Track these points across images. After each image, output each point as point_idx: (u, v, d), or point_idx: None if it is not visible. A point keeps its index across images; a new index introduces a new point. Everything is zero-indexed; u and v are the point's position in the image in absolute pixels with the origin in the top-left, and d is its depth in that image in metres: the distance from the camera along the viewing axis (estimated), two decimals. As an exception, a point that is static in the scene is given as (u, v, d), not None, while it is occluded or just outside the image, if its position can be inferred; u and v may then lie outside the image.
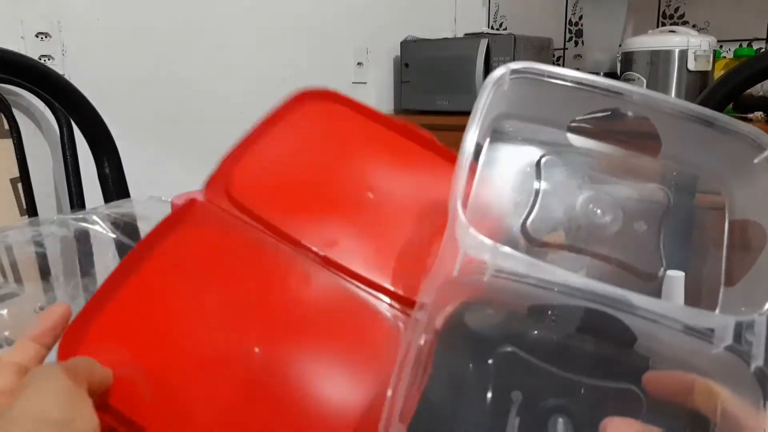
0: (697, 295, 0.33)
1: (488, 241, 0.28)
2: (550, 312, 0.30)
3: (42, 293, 0.49)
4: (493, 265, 0.28)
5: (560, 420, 0.30)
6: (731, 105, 1.49)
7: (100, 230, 0.51)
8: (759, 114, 1.50)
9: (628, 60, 1.69)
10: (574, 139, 0.36)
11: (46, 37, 1.30)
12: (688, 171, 0.34)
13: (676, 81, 1.62)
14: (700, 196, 0.33)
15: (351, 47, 1.95)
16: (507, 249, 0.28)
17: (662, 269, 0.35)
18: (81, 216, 0.51)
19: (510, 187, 0.32)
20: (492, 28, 2.31)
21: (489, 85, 0.33)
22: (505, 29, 2.27)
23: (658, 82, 1.63)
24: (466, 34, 2.01)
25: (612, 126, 0.35)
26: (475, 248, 0.28)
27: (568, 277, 0.28)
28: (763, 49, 1.79)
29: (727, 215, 0.32)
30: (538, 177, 0.32)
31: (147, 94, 1.48)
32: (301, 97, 0.43)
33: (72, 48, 1.34)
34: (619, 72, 1.74)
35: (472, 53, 1.84)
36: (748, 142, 0.30)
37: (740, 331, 0.26)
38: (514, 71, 0.33)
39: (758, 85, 1.38)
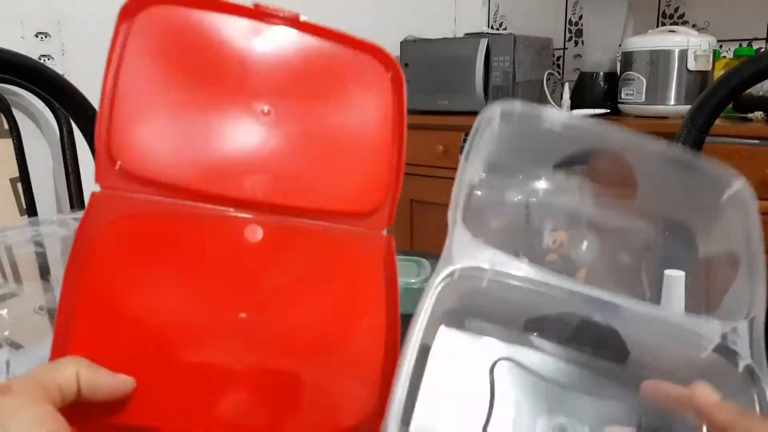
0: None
1: (486, 247, 0.28)
2: (546, 325, 0.30)
3: (42, 293, 0.49)
4: (490, 270, 0.28)
5: None
6: (731, 105, 1.49)
7: (100, 230, 0.51)
8: (759, 114, 1.50)
9: (628, 60, 1.69)
10: (559, 183, 0.36)
11: (45, 37, 1.30)
12: (664, 211, 0.35)
13: (676, 81, 1.62)
14: (674, 234, 0.35)
15: (351, 47, 1.95)
16: (503, 254, 0.29)
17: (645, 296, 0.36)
18: (80, 216, 0.51)
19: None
20: (492, 27, 2.31)
21: (482, 125, 0.34)
22: (505, 29, 2.28)
23: (658, 82, 1.63)
24: (466, 34, 2.01)
25: (591, 170, 0.36)
26: (473, 254, 0.28)
27: (563, 281, 0.28)
28: (763, 49, 1.79)
29: (700, 249, 0.34)
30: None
31: (147, 94, 1.48)
32: (128, 8, 0.36)
33: (72, 48, 1.34)
34: (619, 72, 1.74)
35: (472, 53, 1.84)
36: (717, 181, 0.32)
37: (726, 333, 0.27)
38: (504, 113, 0.34)
39: (758, 85, 1.38)
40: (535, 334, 0.30)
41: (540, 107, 0.34)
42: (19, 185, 1.18)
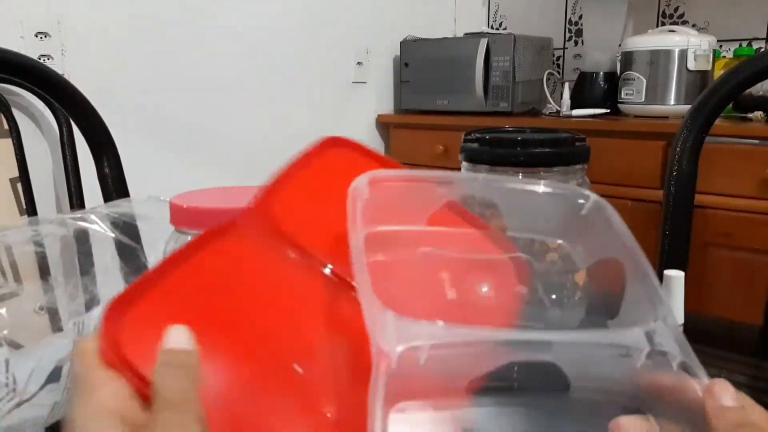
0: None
1: (414, 322, 0.28)
2: (487, 384, 0.30)
3: (41, 293, 0.49)
4: (425, 346, 0.28)
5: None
6: (731, 105, 1.50)
7: (99, 230, 0.51)
8: (759, 114, 1.50)
9: (628, 60, 1.69)
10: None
11: (45, 37, 1.30)
12: (534, 236, 0.37)
13: (676, 81, 1.62)
14: (551, 254, 0.37)
15: (351, 47, 1.95)
16: (432, 325, 0.29)
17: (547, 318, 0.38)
18: (80, 215, 0.51)
19: None
20: (492, 27, 2.31)
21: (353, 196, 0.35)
22: (505, 29, 2.27)
23: (658, 82, 1.63)
24: (466, 34, 2.01)
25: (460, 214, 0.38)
26: (405, 334, 0.28)
27: (490, 334, 0.29)
28: (763, 49, 1.79)
29: (578, 263, 0.36)
30: None
31: (147, 93, 1.48)
32: (325, 143, 0.42)
33: (72, 48, 1.34)
34: (618, 72, 1.74)
35: (472, 53, 1.84)
36: (574, 198, 0.34)
37: (650, 338, 0.27)
38: (370, 181, 0.35)
39: (758, 85, 1.38)
40: (482, 393, 0.30)
41: (407, 172, 0.36)
42: (19, 185, 1.18)
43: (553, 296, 0.38)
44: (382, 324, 0.28)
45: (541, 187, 0.35)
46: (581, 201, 0.34)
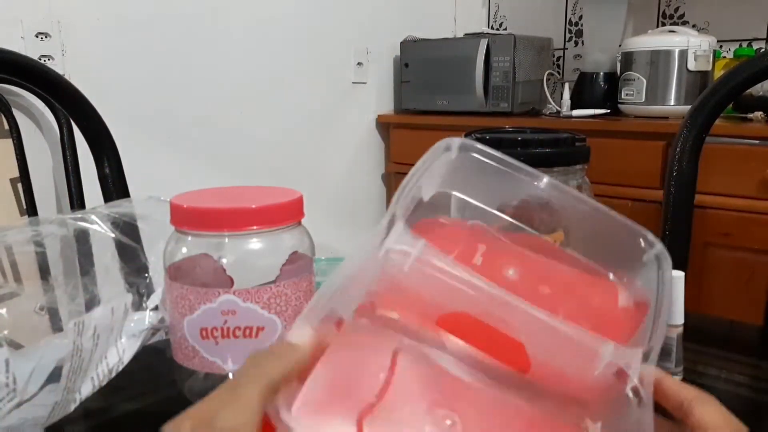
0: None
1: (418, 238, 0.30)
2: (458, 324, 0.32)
3: (42, 293, 0.49)
4: (414, 255, 0.30)
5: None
6: (731, 105, 1.50)
7: (100, 230, 0.51)
8: (759, 114, 1.50)
9: (628, 60, 1.69)
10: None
11: (46, 37, 1.30)
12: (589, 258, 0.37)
13: (676, 81, 1.62)
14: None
15: (351, 47, 1.95)
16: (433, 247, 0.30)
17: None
18: (80, 216, 0.51)
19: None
20: (492, 28, 2.31)
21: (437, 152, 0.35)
22: (505, 29, 2.27)
23: (658, 82, 1.63)
24: (466, 34, 2.01)
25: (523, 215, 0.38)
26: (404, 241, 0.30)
27: (482, 281, 0.30)
28: (763, 49, 1.79)
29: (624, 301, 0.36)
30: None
31: (147, 93, 1.48)
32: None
33: (72, 48, 1.34)
34: (619, 72, 1.74)
35: (472, 53, 1.84)
36: (641, 240, 0.34)
37: (619, 355, 0.29)
38: (462, 147, 0.35)
39: (758, 85, 1.38)
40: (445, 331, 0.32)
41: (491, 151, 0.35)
42: (19, 185, 1.18)
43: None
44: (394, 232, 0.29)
45: (616, 216, 0.35)
46: (647, 247, 0.34)
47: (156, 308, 0.49)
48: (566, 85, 1.89)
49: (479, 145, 0.35)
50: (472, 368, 0.31)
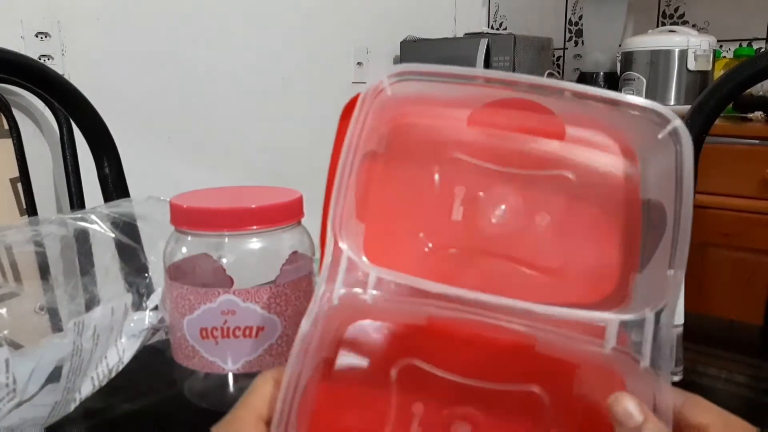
0: (608, 284, 0.31)
1: (365, 261, 0.28)
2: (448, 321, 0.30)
3: (42, 293, 0.49)
4: (371, 284, 0.28)
5: (463, 427, 0.30)
6: (731, 105, 1.49)
7: (99, 230, 0.51)
8: (759, 114, 1.50)
9: (628, 60, 1.69)
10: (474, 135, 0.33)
11: (46, 37, 1.30)
12: (595, 151, 0.32)
13: (676, 81, 1.62)
14: (610, 177, 0.32)
15: (351, 47, 1.95)
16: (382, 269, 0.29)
17: (562, 261, 0.33)
18: (80, 215, 0.51)
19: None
20: (492, 27, 2.31)
21: (367, 98, 0.30)
22: (505, 29, 2.27)
23: (658, 82, 1.63)
24: (466, 34, 2.01)
25: (510, 117, 0.33)
26: (353, 270, 0.28)
27: (446, 289, 0.28)
28: (763, 49, 1.79)
29: (641, 194, 0.31)
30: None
31: (147, 93, 1.48)
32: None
33: (72, 48, 1.34)
34: (619, 72, 1.74)
35: (472, 53, 1.84)
36: (653, 118, 0.28)
37: (625, 331, 0.27)
38: (392, 75, 0.31)
39: (758, 85, 1.38)
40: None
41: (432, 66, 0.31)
42: (19, 185, 1.18)
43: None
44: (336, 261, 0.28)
45: (620, 96, 0.29)
46: (661, 124, 0.28)
47: (156, 308, 0.49)
48: (566, 85, 1.89)
49: (416, 66, 0.30)
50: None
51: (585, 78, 1.88)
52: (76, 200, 1.16)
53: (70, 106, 0.85)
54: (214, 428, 0.28)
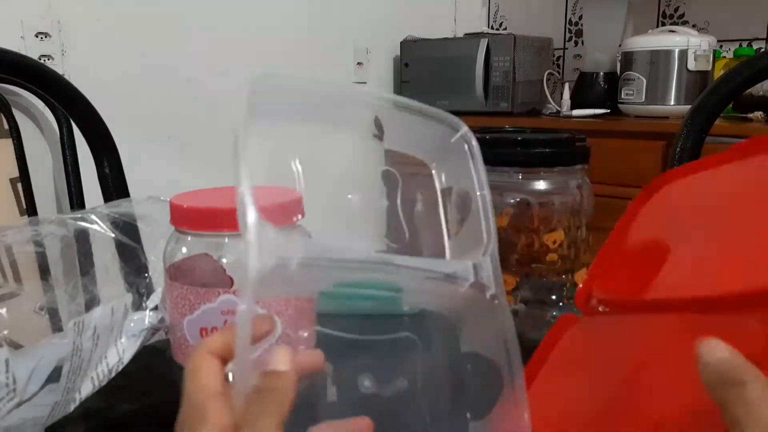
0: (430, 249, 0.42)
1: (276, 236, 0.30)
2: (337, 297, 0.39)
3: (42, 293, 0.49)
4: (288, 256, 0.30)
5: (366, 375, 0.39)
6: (731, 105, 1.49)
7: (99, 230, 0.51)
8: (759, 114, 1.50)
9: (628, 60, 1.69)
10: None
11: (46, 37, 1.30)
12: (405, 154, 0.41)
13: (676, 81, 1.62)
14: (417, 169, 0.42)
15: (351, 47, 1.95)
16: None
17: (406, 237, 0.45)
18: (80, 215, 0.51)
19: None
20: (492, 28, 2.31)
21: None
22: (505, 29, 2.27)
23: (658, 82, 1.63)
24: (466, 34, 2.01)
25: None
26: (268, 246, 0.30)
27: (345, 253, 0.32)
28: (763, 49, 1.79)
29: (437, 184, 0.40)
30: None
31: (147, 94, 1.48)
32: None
33: (72, 48, 1.34)
34: (619, 72, 1.74)
35: (472, 53, 1.84)
36: (448, 126, 0.37)
37: (476, 270, 0.33)
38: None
39: (758, 85, 1.38)
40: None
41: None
42: (19, 185, 1.18)
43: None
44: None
45: (424, 108, 0.37)
46: (453, 131, 0.37)
47: (156, 308, 0.49)
48: (566, 85, 1.89)
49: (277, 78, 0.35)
50: None
51: (585, 78, 1.88)
52: (76, 200, 1.16)
53: (70, 106, 0.85)
54: (177, 426, 0.26)
